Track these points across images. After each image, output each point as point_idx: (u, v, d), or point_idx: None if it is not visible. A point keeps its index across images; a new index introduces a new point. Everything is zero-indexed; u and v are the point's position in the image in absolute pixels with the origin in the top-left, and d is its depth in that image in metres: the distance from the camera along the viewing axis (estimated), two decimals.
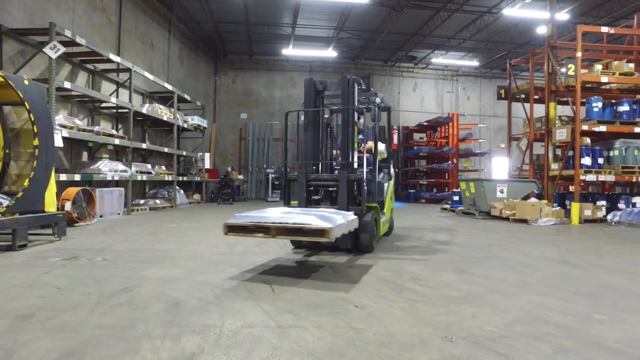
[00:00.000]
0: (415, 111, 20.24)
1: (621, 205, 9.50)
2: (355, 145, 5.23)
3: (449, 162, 15.98)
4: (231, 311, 2.88)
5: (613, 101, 9.81)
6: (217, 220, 8.81)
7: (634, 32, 10.52)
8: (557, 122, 9.81)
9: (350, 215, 4.28)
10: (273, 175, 17.32)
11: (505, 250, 5.57)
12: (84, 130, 8.11)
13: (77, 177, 7.94)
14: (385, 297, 3.27)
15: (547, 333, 2.54)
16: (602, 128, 9.09)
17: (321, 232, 3.55)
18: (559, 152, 10.25)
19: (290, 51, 17.23)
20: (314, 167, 5.32)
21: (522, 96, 12.29)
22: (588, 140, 9.26)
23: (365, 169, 4.96)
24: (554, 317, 2.84)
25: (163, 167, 11.92)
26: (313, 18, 14.99)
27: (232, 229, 3.81)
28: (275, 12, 14.48)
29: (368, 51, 17.91)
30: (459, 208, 11.30)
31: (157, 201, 11.48)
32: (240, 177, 17.12)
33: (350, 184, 4.95)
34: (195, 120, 13.89)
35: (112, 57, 8.85)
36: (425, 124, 17.38)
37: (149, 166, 10.99)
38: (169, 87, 11.93)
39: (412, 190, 18.19)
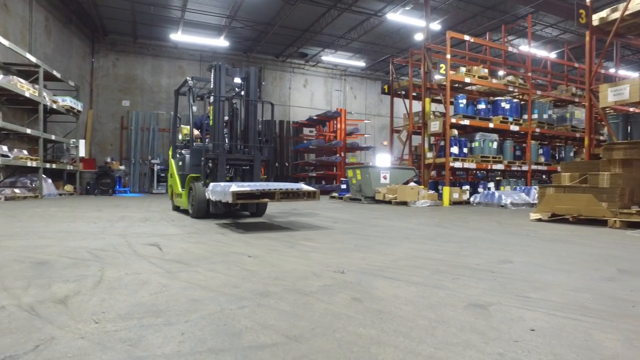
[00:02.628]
0: (305, 107, 20.78)
1: (480, 189, 11.02)
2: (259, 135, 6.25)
3: (337, 155, 16.74)
4: (113, 264, 2.64)
5: (474, 101, 11.35)
6: (95, 206, 7.93)
7: (487, 44, 12.33)
8: (431, 116, 10.99)
9: (302, 184, 5.06)
10: (159, 167, 16.21)
11: (389, 221, 6.06)
12: None
13: None
14: (279, 251, 3.31)
15: (426, 264, 2.84)
16: (466, 122, 10.45)
17: (313, 193, 4.80)
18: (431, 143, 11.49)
19: (179, 37, 16.30)
20: (225, 148, 5.77)
21: (403, 92, 13.50)
22: (456, 132, 10.55)
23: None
24: (431, 255, 3.18)
25: (25, 152, 10.31)
26: (204, 3, 14.41)
27: (240, 196, 4.30)
28: None
29: (260, 44, 17.86)
30: (347, 195, 11.93)
31: (17, 190, 9.88)
32: (122, 167, 15.66)
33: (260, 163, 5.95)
34: (67, 101, 12.28)
35: None
36: (315, 118, 17.95)
37: (5, 148, 9.41)
38: (33, 59, 10.36)
39: (302, 182, 18.62)
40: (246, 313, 1.73)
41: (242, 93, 6.18)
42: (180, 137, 7.41)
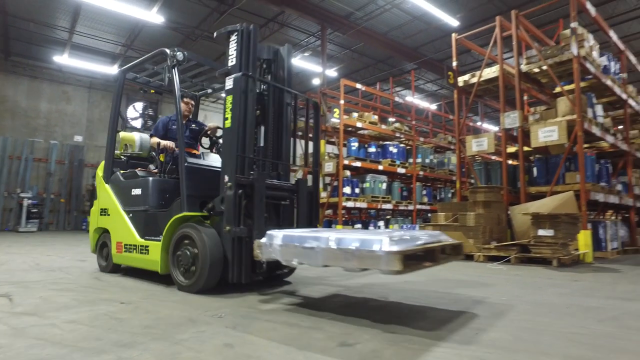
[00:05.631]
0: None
1: (371, 227, 11.70)
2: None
3: None
4: None
5: (365, 145, 12.23)
6: None
7: (377, 93, 13.56)
8: (326, 157, 11.53)
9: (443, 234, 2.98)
10: (30, 202, 14.27)
11: None
12: None
13: None
14: (156, 296, 3.10)
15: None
16: (358, 164, 11.15)
17: (458, 248, 2.83)
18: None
19: (65, 60, 15.00)
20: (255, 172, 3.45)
21: (300, 133, 14.05)
22: (348, 173, 11.19)
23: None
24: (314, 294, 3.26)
25: None
26: (97, 28, 13.58)
27: (409, 258, 2.25)
28: (47, 10, 12.47)
29: (159, 76, 17.28)
30: None
31: None
32: None
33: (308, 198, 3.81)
34: None
35: None
36: None
37: None
38: None
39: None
40: None
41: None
42: (117, 149, 4.80)
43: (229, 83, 3.44)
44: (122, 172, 4.41)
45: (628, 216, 8.23)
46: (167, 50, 3.93)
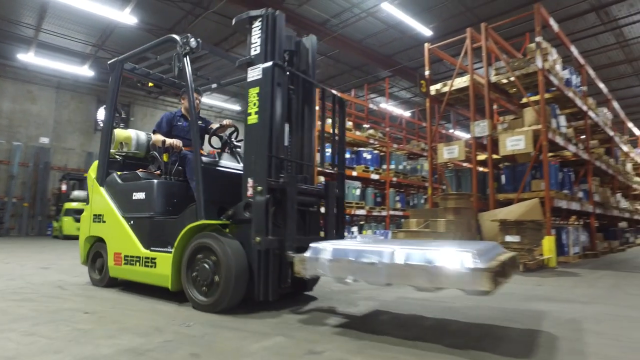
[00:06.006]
0: None
1: (345, 233, 11.78)
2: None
3: None
4: None
5: None
6: None
7: (352, 100, 13.75)
8: None
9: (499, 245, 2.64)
10: None
11: None
12: None
13: None
14: (124, 306, 3.02)
15: None
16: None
17: (515, 259, 2.45)
18: None
19: (30, 58, 14.44)
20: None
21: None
22: (322, 178, 11.22)
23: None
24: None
25: None
26: (66, 27, 13.15)
27: (499, 275, 2.02)
28: (11, 5, 11.95)
29: (162, 67, 16.89)
30: None
31: None
32: None
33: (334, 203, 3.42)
34: None
35: None
36: None
37: None
38: None
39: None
40: None
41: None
42: (112, 148, 4.19)
43: (255, 74, 3.04)
44: (119, 173, 3.90)
45: (588, 222, 8.59)
46: (177, 37, 3.48)
